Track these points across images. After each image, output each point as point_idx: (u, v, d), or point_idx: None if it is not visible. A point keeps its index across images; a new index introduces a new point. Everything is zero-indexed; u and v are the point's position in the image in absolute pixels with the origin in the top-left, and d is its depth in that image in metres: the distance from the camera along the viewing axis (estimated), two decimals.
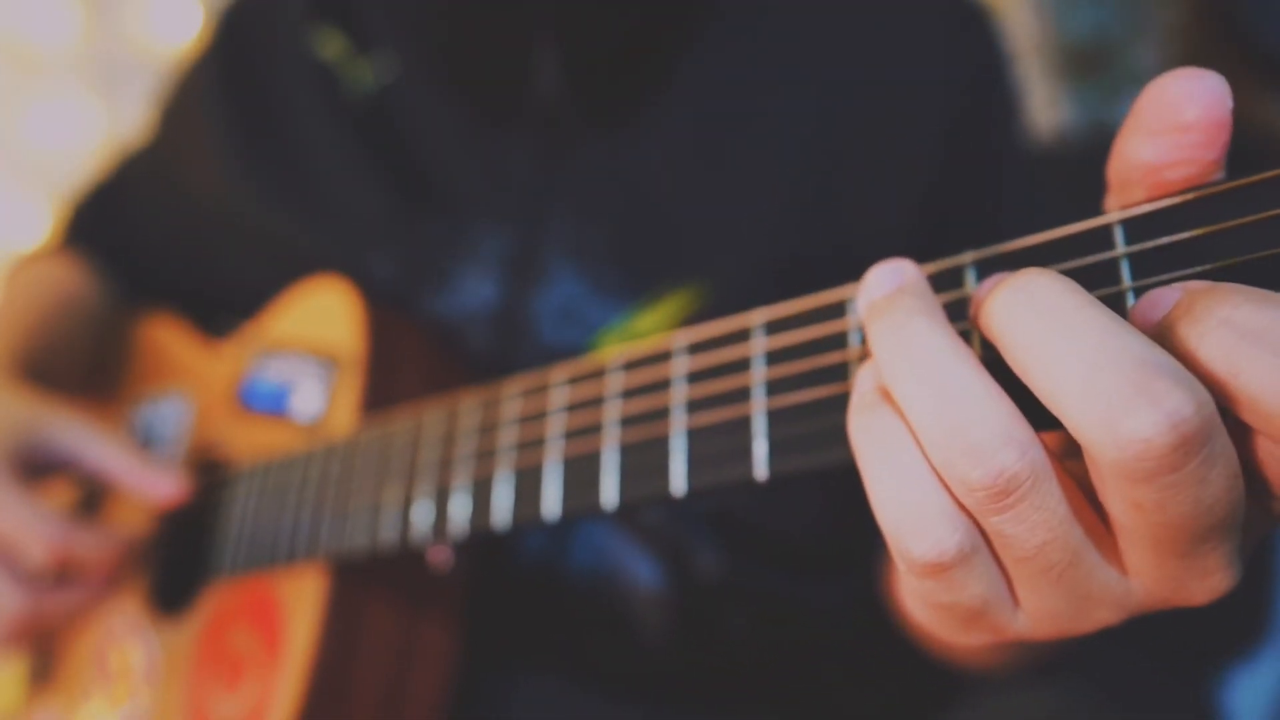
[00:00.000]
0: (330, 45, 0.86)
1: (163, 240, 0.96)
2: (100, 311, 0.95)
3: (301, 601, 0.68)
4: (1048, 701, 0.76)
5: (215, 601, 0.76)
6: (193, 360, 0.89)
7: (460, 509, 0.55)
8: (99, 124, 1.96)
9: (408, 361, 0.73)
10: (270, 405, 0.77)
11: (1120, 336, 0.30)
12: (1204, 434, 0.29)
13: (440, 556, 0.68)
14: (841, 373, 0.41)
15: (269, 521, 0.71)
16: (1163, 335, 0.31)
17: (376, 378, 0.71)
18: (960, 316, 0.38)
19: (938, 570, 0.34)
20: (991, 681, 0.78)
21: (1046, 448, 0.32)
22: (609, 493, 0.47)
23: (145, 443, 0.88)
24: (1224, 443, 0.30)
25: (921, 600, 0.37)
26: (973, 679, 0.77)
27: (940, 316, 0.35)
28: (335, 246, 0.81)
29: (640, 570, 0.75)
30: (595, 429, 0.49)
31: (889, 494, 0.34)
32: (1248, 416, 0.30)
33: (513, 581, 0.75)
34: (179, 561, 0.81)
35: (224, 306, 0.88)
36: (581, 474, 0.49)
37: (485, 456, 0.55)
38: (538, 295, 0.76)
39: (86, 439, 0.75)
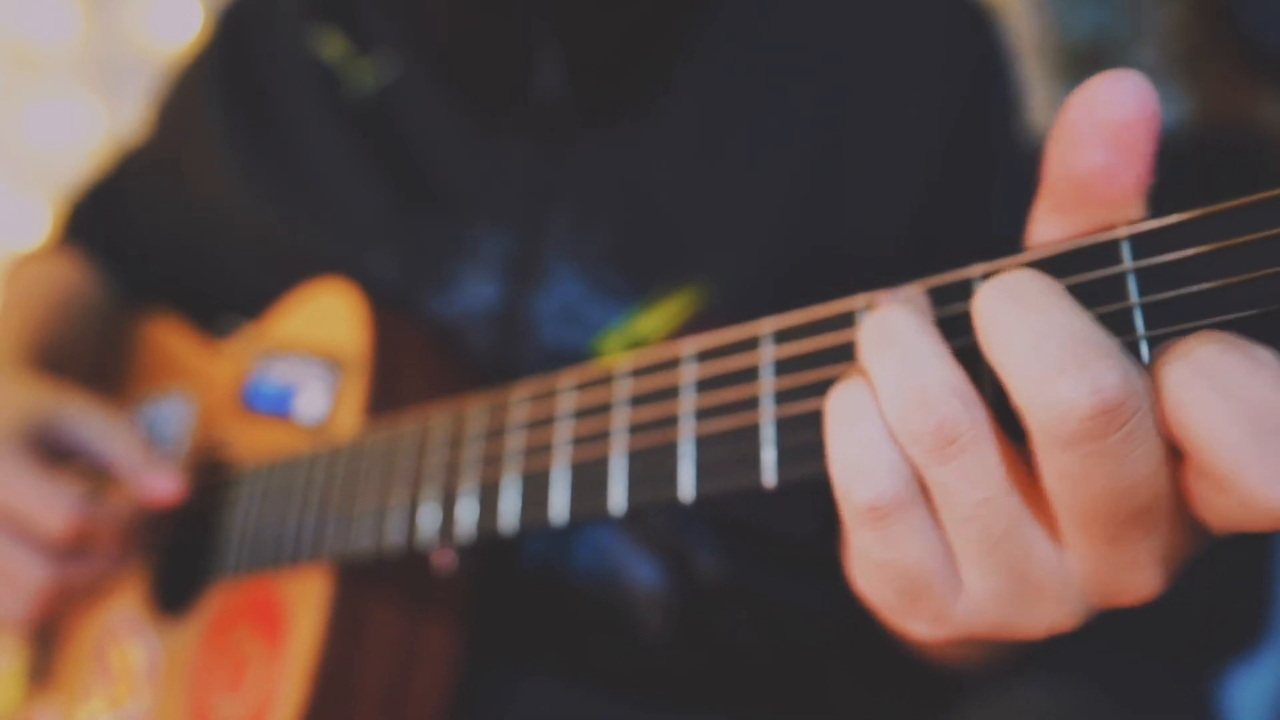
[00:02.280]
0: (331, 45, 0.86)
1: (162, 240, 0.96)
2: (102, 308, 0.95)
3: (305, 603, 0.68)
4: (1050, 702, 0.76)
5: (218, 602, 0.76)
6: (195, 361, 0.89)
7: (467, 513, 0.55)
8: (99, 124, 1.96)
9: (412, 364, 0.73)
10: (274, 407, 0.77)
11: (1067, 314, 0.33)
12: (1126, 409, 0.32)
13: (444, 559, 0.68)
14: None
15: (272, 523, 0.71)
16: (1150, 365, 0.34)
17: (381, 380, 0.71)
18: (967, 329, 0.38)
19: (876, 515, 0.37)
20: (992, 682, 0.78)
21: (992, 421, 0.36)
22: (617, 498, 0.47)
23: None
24: (1149, 428, 0.32)
25: (864, 561, 0.39)
26: (955, 675, 0.77)
27: (922, 312, 0.38)
28: (335, 247, 0.81)
29: (642, 572, 0.75)
30: (603, 435, 0.49)
31: (843, 449, 0.37)
32: (1184, 445, 0.32)
33: (515, 583, 0.75)
34: (181, 561, 0.81)
35: (223, 306, 0.88)
36: (589, 479, 0.49)
37: (492, 461, 0.55)
38: (539, 296, 0.76)
39: (94, 426, 0.75)
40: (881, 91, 0.79)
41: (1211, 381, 0.31)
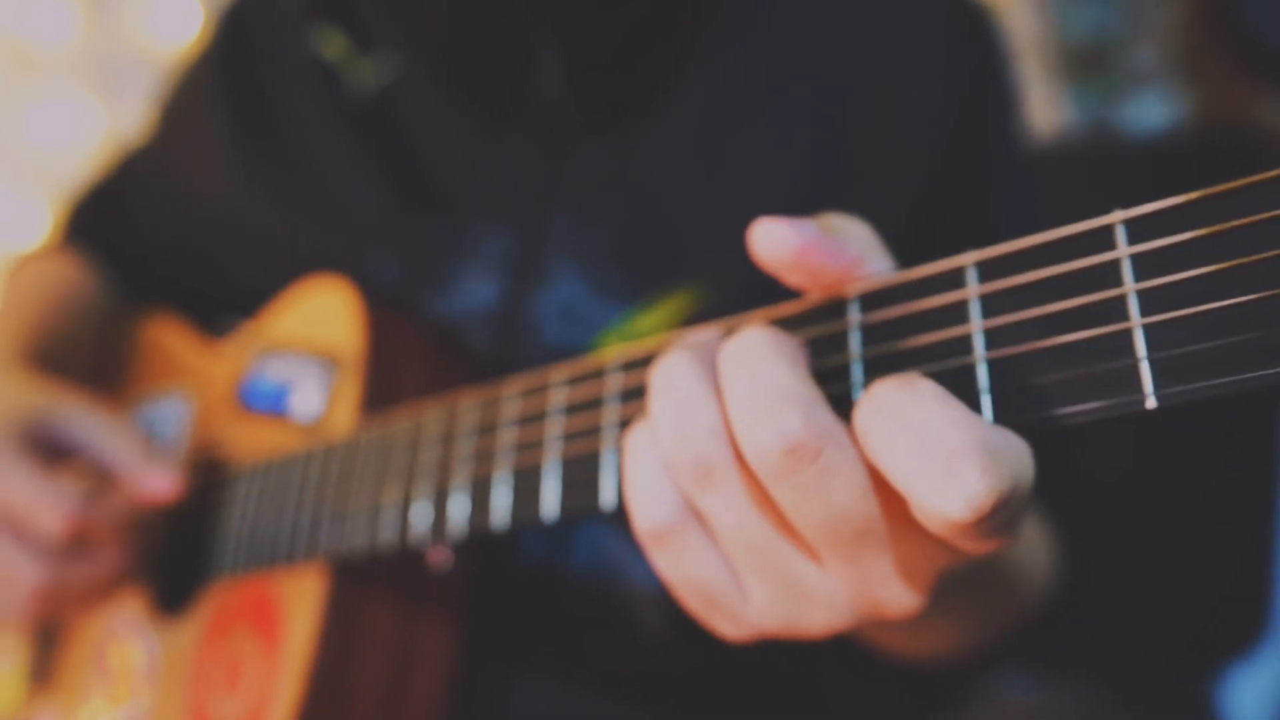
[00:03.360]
0: (331, 44, 0.86)
1: (163, 239, 0.96)
2: (102, 308, 0.95)
3: (301, 602, 0.68)
4: (1052, 702, 0.76)
5: (216, 602, 0.76)
6: (193, 360, 0.89)
7: (459, 510, 0.55)
8: (99, 124, 1.96)
9: (408, 361, 0.73)
10: (270, 405, 0.77)
11: (773, 370, 0.39)
12: (810, 448, 0.37)
13: (440, 557, 0.68)
14: (841, 374, 0.41)
15: (269, 522, 0.71)
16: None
17: (376, 378, 0.71)
18: (957, 319, 0.38)
19: (657, 538, 0.43)
20: (992, 681, 0.78)
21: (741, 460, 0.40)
22: (607, 494, 0.47)
23: None
24: (844, 461, 0.38)
25: (663, 576, 0.45)
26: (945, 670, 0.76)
27: (697, 358, 0.42)
28: (336, 246, 0.81)
29: (641, 570, 0.75)
30: (594, 430, 0.49)
31: (629, 484, 0.44)
32: (879, 470, 0.37)
33: (513, 581, 0.75)
34: (180, 561, 0.81)
35: (224, 306, 0.88)
36: (580, 475, 0.49)
37: (484, 457, 0.54)
38: (539, 295, 0.76)
39: (92, 425, 0.75)
40: (881, 92, 0.79)
41: (883, 413, 0.36)
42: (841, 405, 0.39)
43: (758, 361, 0.39)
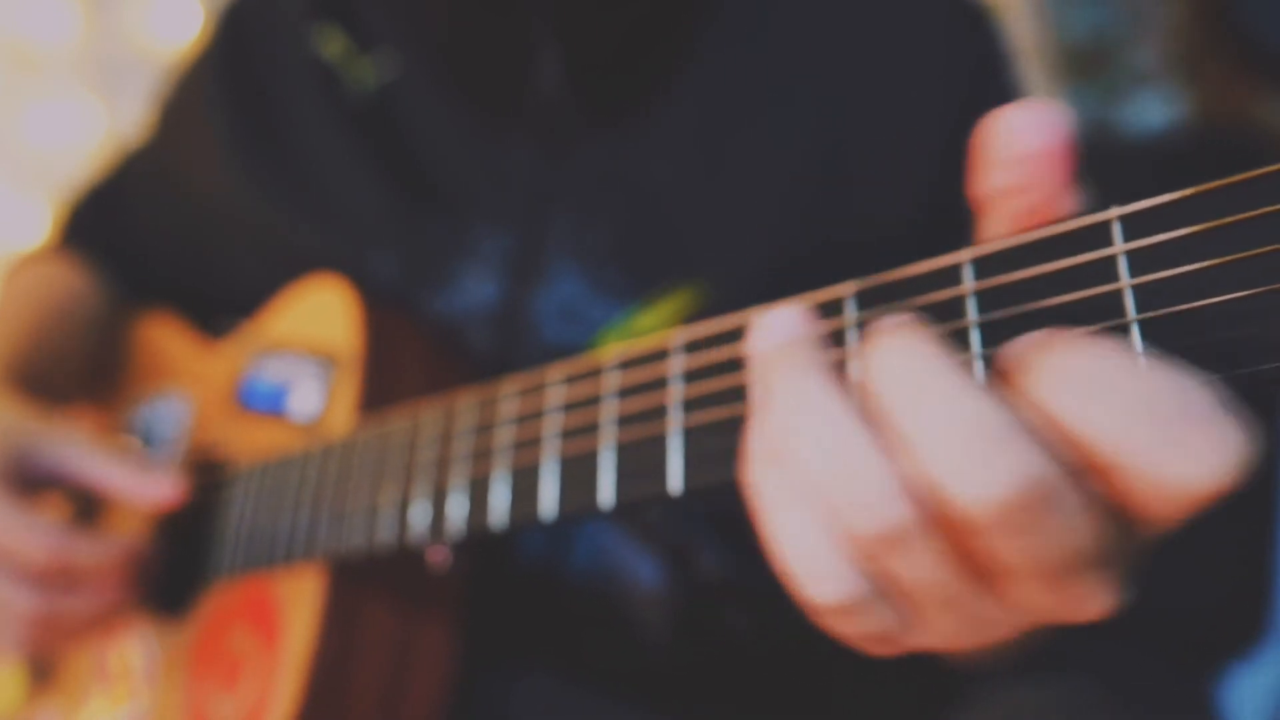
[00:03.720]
0: (331, 44, 0.86)
1: (162, 239, 0.96)
2: (100, 312, 0.95)
3: (300, 602, 0.68)
4: (1050, 700, 0.76)
5: (214, 602, 0.76)
6: (192, 360, 0.89)
7: (457, 509, 0.55)
8: (99, 124, 1.96)
9: (406, 361, 0.73)
10: (268, 405, 0.77)
11: (962, 399, 0.31)
12: (1044, 492, 0.30)
13: (439, 556, 0.68)
14: (839, 370, 0.41)
15: (267, 522, 0.71)
16: (1010, 389, 0.32)
17: (374, 377, 0.71)
18: (954, 314, 0.38)
19: (836, 613, 0.36)
20: (993, 680, 0.78)
21: (927, 497, 0.33)
22: (606, 493, 0.47)
23: (144, 443, 0.87)
24: (1068, 486, 0.31)
25: (832, 631, 0.38)
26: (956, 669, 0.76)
27: (829, 372, 0.36)
28: (336, 246, 0.81)
29: (641, 570, 0.75)
30: (592, 428, 0.48)
31: (787, 544, 0.36)
32: (1091, 460, 0.31)
33: (513, 581, 0.75)
34: (178, 562, 0.81)
35: (223, 306, 0.88)
36: (578, 474, 0.48)
37: (482, 456, 0.54)
38: (538, 294, 0.76)
39: (77, 452, 0.74)
40: (881, 92, 0.79)
41: (1091, 390, 0.30)
42: None
43: (943, 386, 0.32)
